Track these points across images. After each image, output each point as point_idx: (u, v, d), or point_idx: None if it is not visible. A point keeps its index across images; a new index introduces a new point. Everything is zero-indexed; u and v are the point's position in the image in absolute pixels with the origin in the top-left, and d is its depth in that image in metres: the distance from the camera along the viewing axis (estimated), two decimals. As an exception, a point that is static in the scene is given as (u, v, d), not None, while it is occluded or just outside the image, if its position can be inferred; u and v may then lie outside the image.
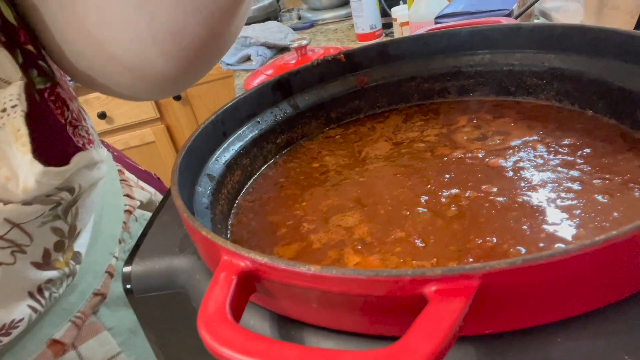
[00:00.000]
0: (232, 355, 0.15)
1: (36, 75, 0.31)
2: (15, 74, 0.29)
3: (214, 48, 0.31)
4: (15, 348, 0.35)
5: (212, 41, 0.30)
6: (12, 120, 0.28)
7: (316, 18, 1.41)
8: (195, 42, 0.29)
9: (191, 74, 0.32)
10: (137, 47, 0.28)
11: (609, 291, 0.17)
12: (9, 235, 0.30)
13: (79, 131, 0.35)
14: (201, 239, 0.21)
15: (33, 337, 0.35)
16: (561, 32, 0.35)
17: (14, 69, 0.29)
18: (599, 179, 0.27)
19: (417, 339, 0.14)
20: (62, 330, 0.37)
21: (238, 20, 0.31)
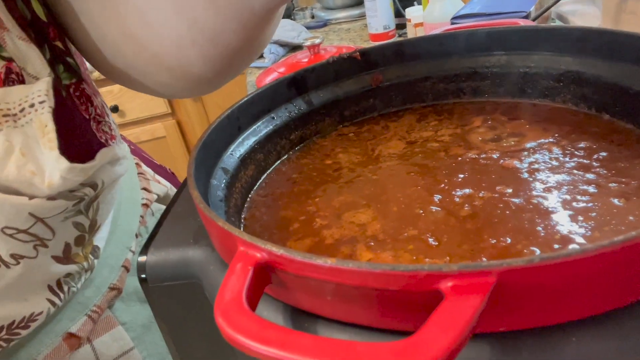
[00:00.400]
0: (248, 342, 0.16)
1: (63, 70, 0.32)
2: (44, 70, 0.29)
3: (249, 51, 0.32)
4: (32, 341, 0.35)
5: (247, 45, 0.31)
6: (40, 116, 0.29)
7: (329, 17, 1.41)
8: (232, 46, 0.30)
9: (226, 74, 0.33)
10: (176, 49, 0.29)
11: (626, 292, 0.17)
12: (32, 229, 0.31)
13: (102, 127, 0.35)
14: (217, 229, 0.21)
15: (50, 331, 0.36)
16: (579, 35, 0.35)
17: (43, 65, 0.29)
18: (615, 183, 0.27)
19: (433, 333, 0.14)
20: (78, 324, 0.37)
21: (272, 27, 0.32)
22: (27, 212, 0.30)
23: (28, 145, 0.29)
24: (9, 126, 0.28)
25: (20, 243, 0.30)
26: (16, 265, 0.31)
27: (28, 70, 0.29)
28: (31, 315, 0.33)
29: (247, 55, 0.33)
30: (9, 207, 0.29)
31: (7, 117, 0.28)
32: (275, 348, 0.15)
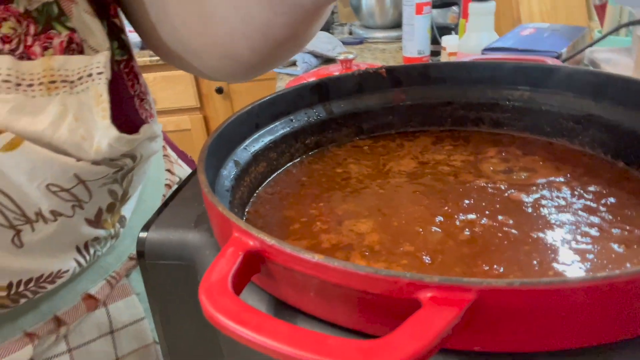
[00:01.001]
0: (226, 322, 0.16)
1: (116, 47, 0.34)
2: (104, 44, 0.32)
3: (295, 44, 0.36)
4: (54, 297, 0.37)
5: (294, 38, 0.34)
6: (97, 86, 0.31)
7: (367, 36, 1.43)
8: (280, 39, 0.32)
9: (271, 64, 0.37)
10: (229, 39, 0.33)
11: (602, 332, 0.17)
12: (74, 189, 0.33)
13: (144, 104, 0.38)
14: (216, 214, 0.22)
15: (72, 289, 0.38)
16: (605, 80, 0.35)
17: (104, 39, 0.31)
18: (619, 229, 0.27)
19: (402, 338, 0.15)
20: (97, 287, 0.39)
21: (319, 23, 0.35)
22: (72, 173, 0.32)
23: (81, 112, 0.31)
24: (66, 92, 0.30)
25: (61, 201, 0.32)
26: (53, 222, 0.32)
27: (89, 43, 0.31)
28: (58, 271, 0.35)
29: (293, 47, 0.36)
30: (57, 165, 0.31)
31: (65, 83, 0.30)
32: (250, 330, 0.16)
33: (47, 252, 0.34)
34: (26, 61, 0.29)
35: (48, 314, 0.36)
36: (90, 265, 0.39)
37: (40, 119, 0.30)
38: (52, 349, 0.37)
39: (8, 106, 0.28)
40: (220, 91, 1.66)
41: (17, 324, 0.35)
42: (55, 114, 0.30)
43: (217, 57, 0.34)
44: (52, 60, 0.30)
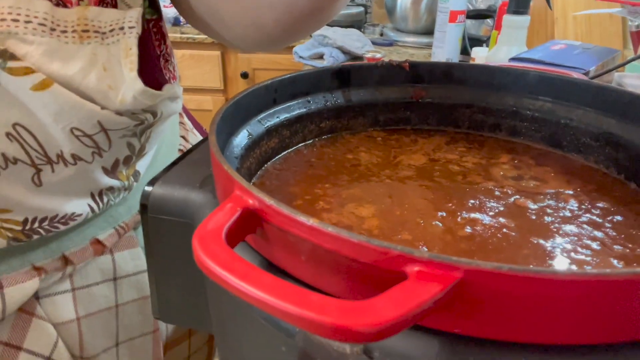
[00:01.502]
0: (215, 268, 0.16)
1: (147, 6, 0.35)
2: (137, 0, 0.33)
3: (318, 19, 0.37)
4: (64, 237, 0.38)
5: (318, 14, 0.36)
6: (127, 39, 0.32)
7: (397, 39, 1.42)
8: (304, 13, 0.34)
9: (293, 37, 0.39)
10: (255, 11, 0.35)
11: (586, 331, 0.17)
12: (96, 137, 0.34)
13: (168, 65, 0.39)
14: (221, 171, 0.22)
15: (81, 232, 0.39)
16: (629, 100, 0.34)
17: None
18: (621, 246, 0.27)
19: (383, 303, 0.15)
20: (106, 233, 0.41)
21: (342, 2, 0.37)
22: (96, 120, 0.33)
23: (110, 62, 0.32)
24: (97, 42, 0.31)
25: (83, 146, 0.34)
26: (73, 165, 0.34)
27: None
28: (72, 214, 0.36)
29: (315, 23, 0.38)
30: (83, 111, 0.32)
31: (97, 34, 0.31)
32: (237, 278, 0.16)
33: (64, 194, 0.35)
34: (62, 8, 0.30)
35: (57, 252, 0.38)
36: (102, 213, 0.40)
37: (70, 64, 0.31)
38: (57, 285, 0.39)
39: (41, 49, 0.30)
40: (245, 76, 1.67)
41: (26, 258, 0.36)
42: (85, 62, 0.31)
43: (243, 26, 0.36)
44: (86, 10, 0.31)
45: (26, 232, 0.34)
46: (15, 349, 0.37)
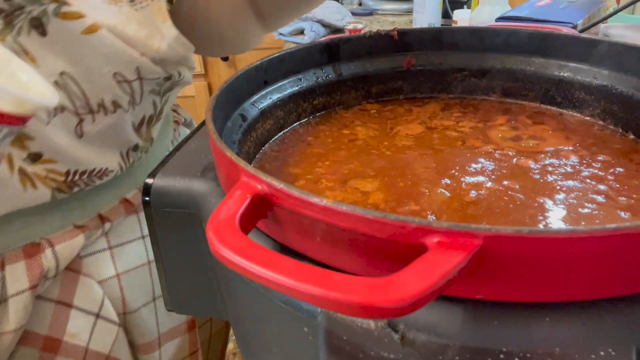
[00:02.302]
0: (234, 257, 0.16)
1: None
2: None
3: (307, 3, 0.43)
4: (97, 197, 0.41)
5: None
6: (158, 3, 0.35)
7: (377, 7, 1.40)
8: None
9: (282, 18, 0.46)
10: None
11: (607, 285, 0.17)
12: (133, 84, 0.37)
13: None
14: (224, 159, 0.22)
15: (111, 192, 0.42)
16: (620, 50, 0.34)
17: None
18: (625, 197, 0.27)
19: (408, 277, 0.15)
20: (132, 193, 0.44)
21: None
22: (135, 66, 0.36)
23: (144, 20, 0.35)
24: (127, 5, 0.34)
25: (122, 93, 0.36)
26: (113, 113, 0.37)
27: None
28: (105, 169, 0.39)
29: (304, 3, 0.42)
30: (125, 56, 0.34)
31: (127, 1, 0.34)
32: (257, 265, 0.16)
33: (99, 147, 0.38)
34: None
35: (93, 211, 0.41)
36: (126, 174, 0.43)
37: (110, 18, 0.33)
38: (96, 244, 0.42)
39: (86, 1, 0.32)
40: (225, 58, 1.64)
41: (67, 219, 0.39)
42: (122, 18, 0.34)
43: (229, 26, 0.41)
44: None
45: (68, 183, 0.37)
46: (67, 306, 0.39)
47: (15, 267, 0.36)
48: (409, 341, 0.17)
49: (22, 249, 0.36)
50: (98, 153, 0.38)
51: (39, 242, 0.37)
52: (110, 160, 0.39)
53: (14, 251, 0.36)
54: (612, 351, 0.16)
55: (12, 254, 0.36)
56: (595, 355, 0.16)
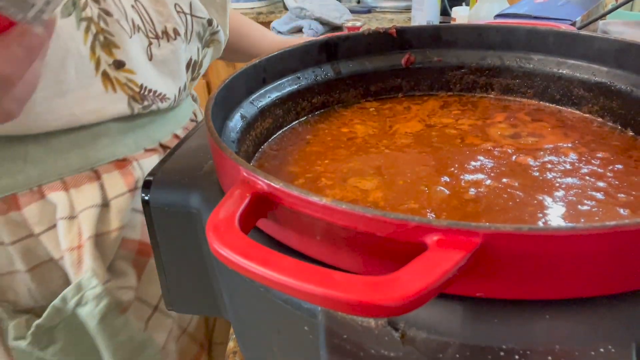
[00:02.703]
0: (233, 256, 0.16)
1: None
2: None
3: None
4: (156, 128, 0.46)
5: None
6: None
7: (375, 5, 1.40)
8: None
9: None
10: None
11: (606, 282, 0.17)
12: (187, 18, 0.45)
13: None
14: (224, 159, 0.22)
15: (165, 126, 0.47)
16: (618, 47, 0.34)
17: None
18: (624, 194, 0.27)
19: (408, 275, 0.15)
20: (179, 131, 0.49)
21: None
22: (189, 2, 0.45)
23: None
24: None
25: (180, 23, 0.44)
26: (174, 40, 0.44)
27: None
28: (165, 95, 0.45)
29: None
30: None
31: None
32: (257, 264, 0.16)
33: (163, 74, 0.44)
34: None
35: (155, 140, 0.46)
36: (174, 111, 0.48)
37: None
38: None
39: None
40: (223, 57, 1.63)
41: (139, 143, 0.45)
42: None
43: None
44: None
45: (141, 95, 0.42)
46: None
47: (110, 176, 0.42)
48: (409, 339, 0.17)
49: (113, 163, 0.42)
50: (161, 78, 0.45)
51: (124, 157, 0.43)
52: (169, 88, 0.46)
53: (105, 164, 0.42)
54: (611, 348, 0.16)
55: (104, 167, 0.42)
56: (595, 352, 0.16)
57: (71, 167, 0.40)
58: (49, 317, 0.40)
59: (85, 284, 0.40)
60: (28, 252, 0.40)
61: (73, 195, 0.40)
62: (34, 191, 0.39)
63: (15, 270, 0.40)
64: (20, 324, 0.40)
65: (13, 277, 0.40)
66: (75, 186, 0.40)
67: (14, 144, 0.38)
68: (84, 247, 0.40)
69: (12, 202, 0.39)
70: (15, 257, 0.40)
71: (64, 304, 0.40)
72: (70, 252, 0.40)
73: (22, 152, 0.38)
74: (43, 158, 0.39)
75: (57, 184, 0.40)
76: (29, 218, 0.39)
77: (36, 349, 0.40)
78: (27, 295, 0.41)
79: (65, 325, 0.41)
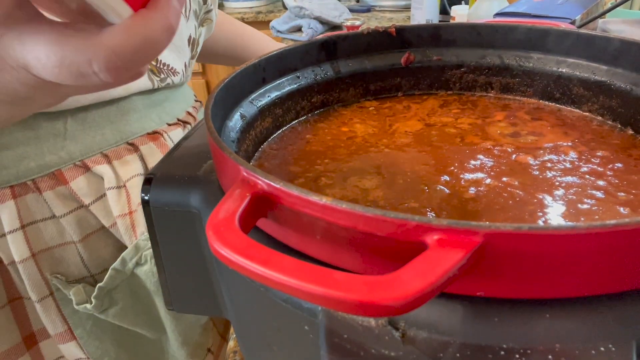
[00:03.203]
0: (234, 256, 0.16)
1: None
2: None
3: None
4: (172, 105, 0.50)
5: None
6: None
7: (374, 4, 1.40)
8: None
9: None
10: None
11: (606, 281, 0.17)
12: None
13: None
14: (224, 159, 0.22)
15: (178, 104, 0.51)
16: (618, 46, 0.34)
17: None
18: (625, 192, 0.27)
19: (409, 275, 0.15)
20: (184, 114, 0.52)
21: None
22: None
23: None
24: None
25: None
26: None
27: None
28: (176, 69, 0.48)
29: None
30: None
31: None
32: (258, 264, 0.16)
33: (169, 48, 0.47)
34: None
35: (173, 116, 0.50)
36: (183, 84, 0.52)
37: None
38: None
39: None
40: (223, 56, 1.64)
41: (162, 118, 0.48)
42: None
43: None
44: None
45: (157, 68, 0.45)
46: None
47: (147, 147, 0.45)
48: (409, 339, 0.17)
49: (146, 136, 0.46)
50: (170, 52, 0.47)
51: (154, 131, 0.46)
52: (178, 63, 0.48)
53: (139, 138, 0.46)
54: (612, 347, 0.16)
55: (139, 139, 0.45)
56: (595, 351, 0.16)
57: (108, 141, 0.43)
58: (110, 279, 0.43)
59: (142, 244, 0.43)
60: (80, 222, 0.43)
61: (117, 166, 0.43)
62: (79, 165, 0.42)
63: (67, 241, 0.43)
64: (79, 291, 0.42)
65: (65, 249, 0.43)
66: (117, 158, 0.43)
67: (53, 122, 0.40)
68: (136, 213, 0.43)
69: (59, 177, 0.41)
70: (68, 229, 0.42)
71: (124, 265, 0.43)
72: (123, 218, 0.43)
73: (62, 129, 0.41)
74: (81, 134, 0.42)
75: (100, 158, 0.43)
76: (77, 190, 0.42)
77: (98, 311, 0.43)
78: (80, 265, 0.44)
79: (124, 287, 0.44)
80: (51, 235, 0.42)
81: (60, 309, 0.44)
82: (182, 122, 0.51)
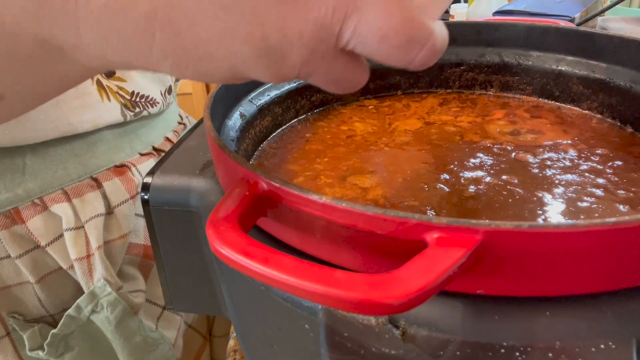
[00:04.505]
0: (234, 255, 0.16)
1: None
2: None
3: None
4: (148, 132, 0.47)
5: None
6: None
7: (373, 2, 1.39)
8: None
9: None
10: None
11: (606, 279, 0.17)
12: None
13: None
14: (223, 158, 0.22)
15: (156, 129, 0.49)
16: (618, 44, 0.34)
17: None
18: (624, 190, 0.27)
19: (409, 273, 0.15)
20: (170, 134, 0.51)
21: None
22: None
23: None
24: None
25: None
26: None
27: None
28: (154, 99, 0.46)
29: None
30: None
31: None
32: (258, 263, 0.16)
33: (150, 79, 0.45)
34: None
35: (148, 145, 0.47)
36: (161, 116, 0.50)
37: None
38: None
39: None
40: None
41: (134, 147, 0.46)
42: None
43: None
44: None
45: (132, 102, 0.44)
46: None
47: (111, 183, 0.43)
48: (410, 337, 0.17)
49: (112, 170, 0.43)
50: (150, 82, 0.46)
51: (121, 163, 0.44)
52: (156, 93, 0.47)
53: (104, 172, 0.43)
54: (612, 344, 0.16)
55: (104, 174, 0.43)
56: (595, 348, 0.16)
57: (71, 176, 0.41)
58: (64, 325, 0.40)
59: (98, 291, 0.40)
60: (36, 263, 0.40)
61: (77, 205, 0.40)
62: (36, 203, 0.39)
63: (24, 281, 0.41)
64: (34, 334, 0.40)
65: (22, 289, 0.41)
66: (77, 196, 0.41)
67: (12, 156, 0.38)
68: (94, 256, 0.40)
69: (15, 215, 0.39)
70: (24, 270, 0.40)
71: (79, 312, 0.41)
72: (80, 262, 0.40)
73: (21, 165, 0.38)
74: (42, 169, 0.39)
75: (59, 195, 0.40)
76: (33, 230, 0.39)
77: (53, 357, 0.41)
78: (37, 305, 0.41)
79: (80, 332, 0.42)
80: (8, 274, 0.40)
81: (17, 350, 0.42)
82: (157, 150, 0.48)
